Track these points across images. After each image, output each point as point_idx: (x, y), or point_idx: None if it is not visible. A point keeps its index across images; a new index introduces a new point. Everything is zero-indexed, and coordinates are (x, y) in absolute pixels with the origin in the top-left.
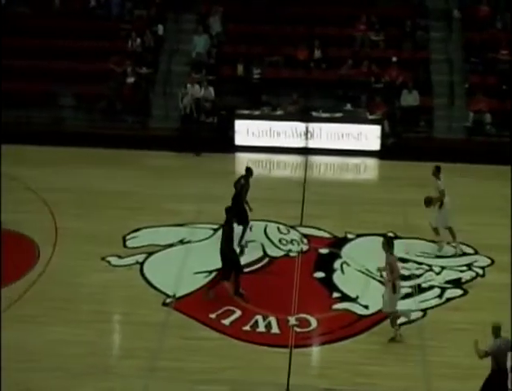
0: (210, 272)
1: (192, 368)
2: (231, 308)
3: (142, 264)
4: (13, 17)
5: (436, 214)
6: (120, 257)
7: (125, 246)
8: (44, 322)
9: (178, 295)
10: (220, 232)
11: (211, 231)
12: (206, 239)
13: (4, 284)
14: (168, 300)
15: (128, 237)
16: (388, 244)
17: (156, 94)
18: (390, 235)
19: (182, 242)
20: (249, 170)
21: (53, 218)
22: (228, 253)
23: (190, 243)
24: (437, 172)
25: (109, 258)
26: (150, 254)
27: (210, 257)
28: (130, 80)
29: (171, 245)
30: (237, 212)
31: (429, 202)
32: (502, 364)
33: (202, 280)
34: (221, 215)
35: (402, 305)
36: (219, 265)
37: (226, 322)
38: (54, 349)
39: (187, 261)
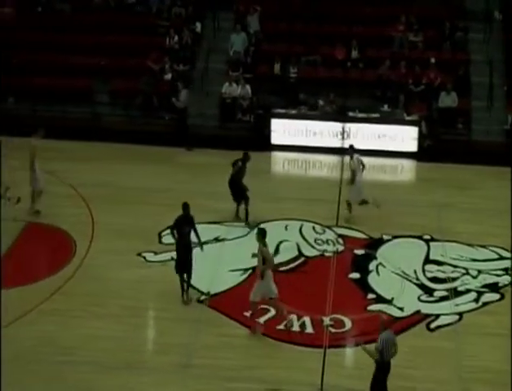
0: (245, 270)
1: (225, 365)
2: (266, 306)
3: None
4: (53, 14)
5: (349, 189)
6: (155, 253)
7: (160, 242)
8: (79, 316)
9: (212, 292)
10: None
11: (246, 230)
12: (241, 237)
13: (41, 278)
14: (202, 297)
15: (164, 233)
16: (261, 236)
17: (194, 92)
18: (262, 227)
19: (217, 239)
20: (246, 154)
21: (90, 213)
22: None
23: (225, 241)
24: (351, 150)
25: (145, 254)
26: None
27: (245, 255)
28: (168, 77)
29: (206, 242)
30: (236, 191)
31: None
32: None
33: (237, 278)
34: (256, 213)
35: (438, 309)
36: (255, 263)
37: (260, 320)
38: (88, 343)
39: (222, 259)
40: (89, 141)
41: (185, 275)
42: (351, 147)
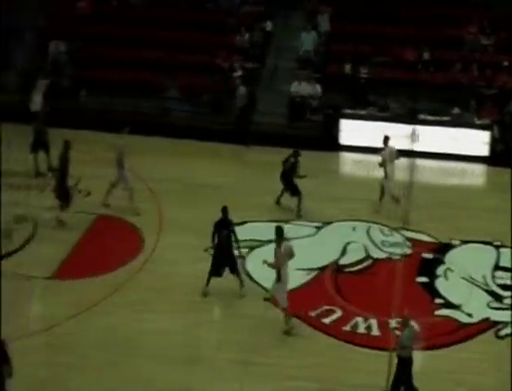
0: (312, 270)
1: (286, 364)
2: (332, 307)
3: (244, 257)
4: (127, 8)
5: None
6: None
7: None
8: (144, 309)
9: None
10: (323, 230)
11: (314, 229)
12: (308, 236)
13: (109, 270)
14: (268, 296)
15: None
16: (277, 235)
17: (263, 90)
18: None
19: (284, 238)
20: (296, 152)
21: (158, 208)
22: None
23: (292, 240)
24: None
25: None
26: (252, 248)
27: (312, 254)
28: (237, 74)
29: (272, 241)
30: (289, 187)
31: None
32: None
33: (304, 277)
34: (323, 213)
35: (508, 316)
36: (321, 263)
37: (326, 321)
38: (151, 336)
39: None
40: (158, 136)
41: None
42: (386, 138)
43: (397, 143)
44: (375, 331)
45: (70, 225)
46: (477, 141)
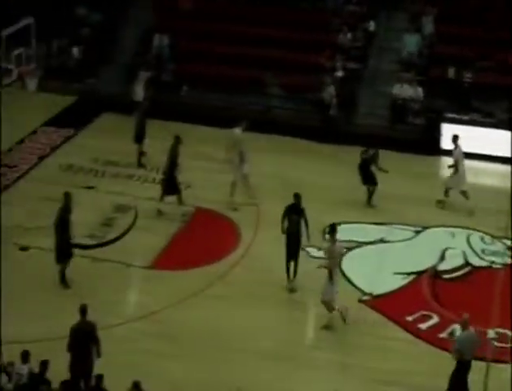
0: (409, 274)
1: (382, 368)
2: (429, 313)
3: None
4: (229, 4)
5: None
6: (319, 248)
7: (325, 239)
8: (240, 304)
9: (375, 293)
10: (421, 235)
11: (412, 233)
12: (407, 240)
13: (206, 264)
14: (364, 298)
15: (327, 230)
16: (330, 232)
17: (364, 91)
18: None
19: (382, 241)
20: (376, 151)
21: (256, 203)
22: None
23: (390, 243)
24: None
25: (308, 249)
26: (349, 249)
27: (410, 258)
28: (339, 74)
29: (371, 243)
30: (366, 176)
31: None
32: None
33: (401, 281)
34: (422, 217)
35: None
36: (419, 267)
37: (422, 326)
38: (246, 331)
39: (385, 261)
40: (259, 132)
41: (292, 263)
42: (455, 136)
43: (500, 150)
44: None
45: (169, 216)
46: None
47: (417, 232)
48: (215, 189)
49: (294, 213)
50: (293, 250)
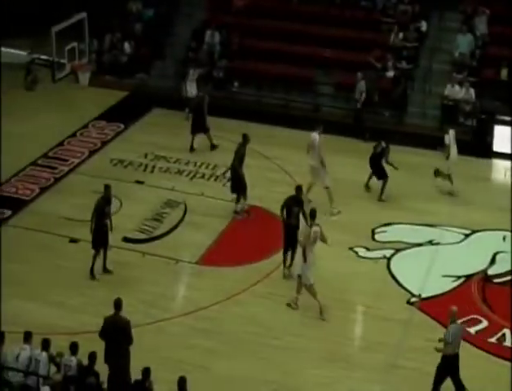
0: (459, 277)
1: (430, 371)
2: (478, 317)
3: (389, 259)
4: (281, 3)
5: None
6: (368, 249)
7: (373, 239)
8: (285, 302)
9: (423, 295)
10: (471, 238)
11: (462, 236)
12: (457, 243)
13: (254, 261)
14: (413, 300)
15: (377, 230)
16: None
17: (415, 91)
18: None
19: (431, 243)
20: (387, 145)
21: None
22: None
23: (439, 245)
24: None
25: (357, 249)
26: (398, 250)
27: (459, 261)
28: (390, 74)
29: (420, 244)
30: (377, 170)
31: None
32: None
33: (450, 284)
34: (472, 220)
35: None
36: (468, 271)
37: (471, 330)
38: (294, 329)
39: (435, 263)
40: (308, 131)
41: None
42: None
43: None
44: None
45: (220, 213)
46: None
47: (467, 235)
48: (265, 187)
49: (295, 205)
50: (291, 241)
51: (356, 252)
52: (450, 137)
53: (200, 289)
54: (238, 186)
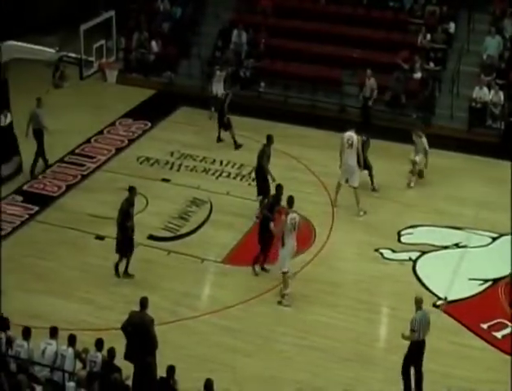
0: (485, 281)
1: (455, 374)
2: (505, 321)
3: (415, 261)
4: (309, 2)
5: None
6: (393, 250)
7: (399, 241)
8: (314, 302)
9: (449, 298)
10: (498, 241)
11: (489, 239)
12: (483, 246)
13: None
14: (439, 303)
15: (403, 232)
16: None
17: (443, 93)
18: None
19: (457, 245)
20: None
21: (331, 203)
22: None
23: (466, 248)
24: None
25: (382, 250)
26: (424, 253)
27: (486, 265)
28: (417, 75)
29: (446, 247)
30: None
31: None
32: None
33: (476, 287)
34: (499, 224)
35: None
36: (495, 274)
37: (497, 334)
38: (320, 329)
39: (461, 266)
40: (334, 131)
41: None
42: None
43: None
44: None
45: (244, 212)
46: None
47: (494, 238)
48: (291, 187)
49: (277, 204)
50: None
51: (382, 254)
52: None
53: (225, 288)
54: (264, 186)
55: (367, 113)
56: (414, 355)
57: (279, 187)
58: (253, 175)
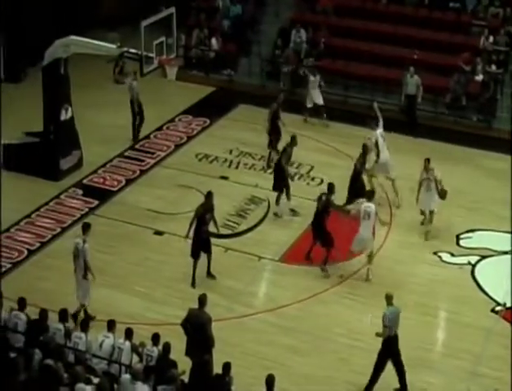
0: None
1: (506, 379)
2: None
3: (474, 266)
4: (371, 3)
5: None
6: (452, 254)
7: (458, 244)
8: (370, 303)
9: (508, 304)
10: None
11: None
12: None
13: (336, 261)
14: (498, 308)
15: (462, 236)
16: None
17: (505, 95)
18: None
19: None
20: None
21: (389, 204)
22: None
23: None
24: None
25: (441, 254)
26: (483, 257)
27: None
28: (479, 78)
29: (506, 252)
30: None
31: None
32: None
33: None
34: None
35: None
36: None
37: None
38: (373, 330)
39: None
40: (394, 132)
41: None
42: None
43: None
44: None
45: (301, 211)
46: None
47: None
48: (345, 186)
49: (207, 212)
50: (206, 248)
51: (440, 257)
52: (380, 136)
53: (282, 287)
54: (281, 184)
55: (413, 112)
56: (389, 351)
57: (209, 195)
58: (311, 174)
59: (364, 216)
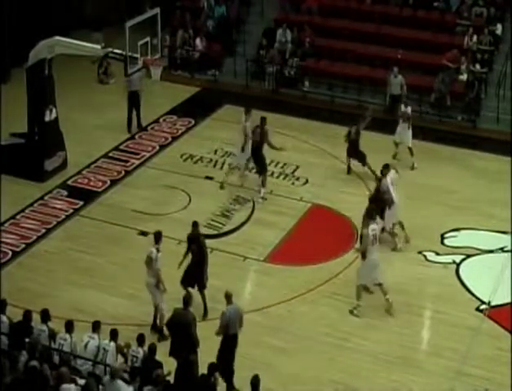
0: None
1: (495, 380)
2: None
3: (458, 265)
4: (355, 2)
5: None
6: (437, 253)
7: (442, 243)
8: (353, 303)
9: (493, 303)
10: None
11: None
12: None
13: (321, 261)
14: (482, 307)
15: (447, 235)
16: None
17: (489, 95)
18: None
19: (502, 250)
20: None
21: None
22: None
23: (510, 253)
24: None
25: (426, 253)
26: (468, 256)
27: None
28: (463, 77)
29: (491, 251)
30: (357, 154)
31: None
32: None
33: None
34: None
35: None
36: None
37: None
38: (363, 331)
39: (505, 271)
40: (379, 132)
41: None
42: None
43: None
44: None
45: (286, 211)
46: None
47: None
48: (333, 187)
49: (193, 243)
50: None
51: (425, 256)
52: (389, 180)
53: (267, 287)
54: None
55: (397, 112)
56: (226, 350)
57: (194, 225)
58: (296, 174)
59: (373, 241)
